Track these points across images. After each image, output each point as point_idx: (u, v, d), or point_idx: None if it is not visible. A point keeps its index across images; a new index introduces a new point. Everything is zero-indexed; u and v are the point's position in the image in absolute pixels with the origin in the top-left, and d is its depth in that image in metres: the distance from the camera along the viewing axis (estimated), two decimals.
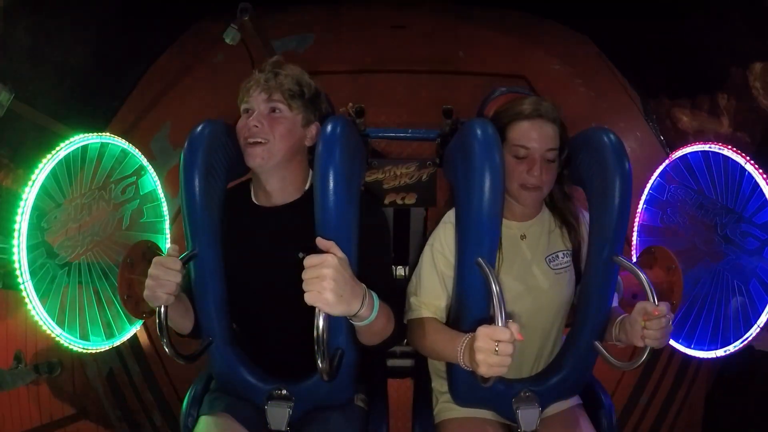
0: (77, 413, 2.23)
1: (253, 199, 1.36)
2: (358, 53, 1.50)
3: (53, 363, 2.06)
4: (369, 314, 1.08)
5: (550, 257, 1.37)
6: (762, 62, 2.46)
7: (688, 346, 1.50)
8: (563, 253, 1.39)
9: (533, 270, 1.36)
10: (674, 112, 3.12)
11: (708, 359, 1.46)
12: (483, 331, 1.01)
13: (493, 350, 0.99)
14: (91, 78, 3.09)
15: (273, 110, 1.26)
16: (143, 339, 2.45)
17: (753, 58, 2.50)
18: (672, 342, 1.49)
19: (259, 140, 1.23)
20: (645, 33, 3.26)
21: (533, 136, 1.28)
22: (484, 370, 1.01)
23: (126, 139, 1.65)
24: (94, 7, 3.31)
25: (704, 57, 2.89)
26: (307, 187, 1.34)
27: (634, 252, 1.69)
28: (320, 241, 1.06)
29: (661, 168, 1.61)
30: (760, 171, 1.33)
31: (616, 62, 3.15)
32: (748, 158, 1.36)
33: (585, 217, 1.38)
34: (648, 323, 1.13)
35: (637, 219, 1.69)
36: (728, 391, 2.17)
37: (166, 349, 1.15)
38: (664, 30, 3.06)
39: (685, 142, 1.67)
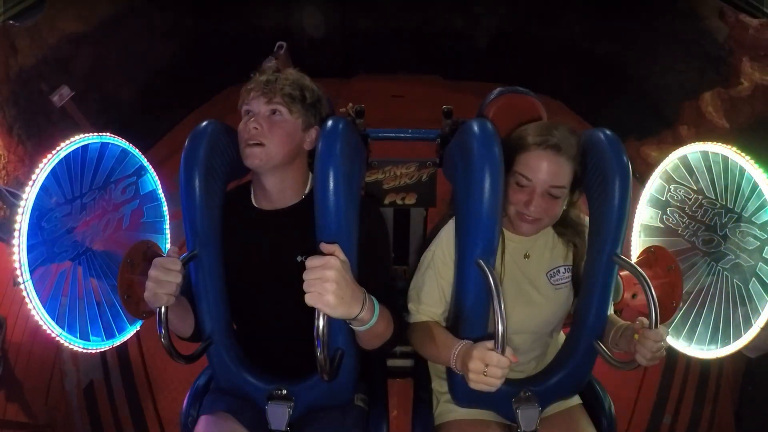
0: (42, 426, 2.21)
1: (253, 201, 1.36)
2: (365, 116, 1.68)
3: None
4: (369, 318, 1.08)
5: (551, 272, 1.37)
6: (709, 91, 3.13)
7: (688, 346, 1.50)
8: (564, 268, 1.38)
9: (534, 285, 1.36)
10: (643, 151, 3.54)
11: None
12: (476, 354, 1.03)
13: (482, 372, 1.01)
14: (133, 113, 3.53)
15: (273, 113, 1.27)
16: (133, 351, 2.44)
17: (701, 91, 3.18)
18: (672, 342, 1.49)
19: (258, 142, 1.24)
20: (607, 88, 3.99)
21: (539, 167, 1.22)
22: (473, 386, 1.04)
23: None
24: (147, 56, 4.02)
25: (661, 99, 3.55)
26: (307, 191, 1.34)
27: (633, 252, 1.69)
28: (324, 246, 1.05)
29: (660, 168, 1.61)
30: (760, 171, 1.33)
31: (587, 118, 3.97)
32: (747, 158, 1.36)
33: (585, 222, 1.38)
34: (642, 340, 1.13)
35: (636, 219, 1.69)
36: (759, 405, 2.15)
37: (165, 347, 1.15)
38: (622, 82, 3.88)
39: None
